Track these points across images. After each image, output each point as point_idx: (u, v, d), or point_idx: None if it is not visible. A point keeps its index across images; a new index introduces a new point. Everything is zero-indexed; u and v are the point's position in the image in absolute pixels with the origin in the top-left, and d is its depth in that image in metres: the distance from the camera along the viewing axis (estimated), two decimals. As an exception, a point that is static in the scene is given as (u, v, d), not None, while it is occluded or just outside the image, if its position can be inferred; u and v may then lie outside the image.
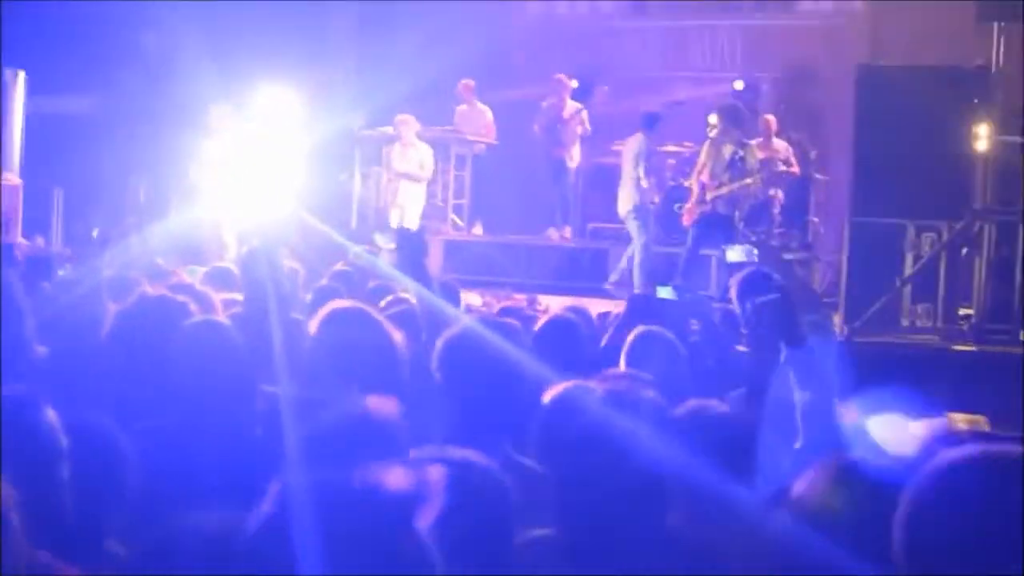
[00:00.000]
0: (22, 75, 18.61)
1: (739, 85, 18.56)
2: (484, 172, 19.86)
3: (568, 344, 6.64)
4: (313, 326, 5.34)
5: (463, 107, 19.86)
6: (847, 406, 5.63)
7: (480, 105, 19.82)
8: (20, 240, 16.90)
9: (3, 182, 17.93)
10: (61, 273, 9.69)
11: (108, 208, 19.19)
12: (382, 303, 7.17)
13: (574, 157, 18.96)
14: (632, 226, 16.65)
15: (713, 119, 16.41)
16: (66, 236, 19.08)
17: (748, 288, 7.82)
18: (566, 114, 18.81)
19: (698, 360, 7.18)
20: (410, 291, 6.97)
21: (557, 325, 6.98)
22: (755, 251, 15.12)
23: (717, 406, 4.60)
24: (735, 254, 15.11)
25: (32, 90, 18.84)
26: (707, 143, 16.26)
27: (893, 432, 5.04)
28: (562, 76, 19.05)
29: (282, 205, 15.88)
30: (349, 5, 21.47)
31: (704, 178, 15.85)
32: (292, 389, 4.79)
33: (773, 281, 8.01)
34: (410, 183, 18.14)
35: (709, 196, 15.65)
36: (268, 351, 5.40)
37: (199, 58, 17.58)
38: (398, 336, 5.20)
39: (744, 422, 4.53)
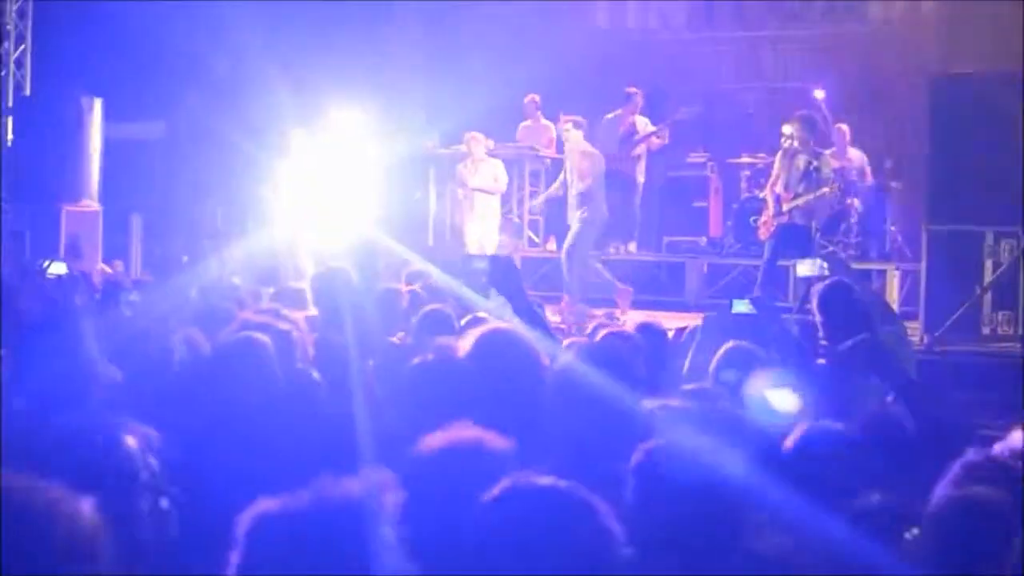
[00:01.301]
0: (99, 102, 18.80)
1: (820, 94, 18.40)
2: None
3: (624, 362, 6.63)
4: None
5: (527, 123, 19.88)
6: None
7: (544, 120, 19.80)
8: (100, 266, 17.08)
9: (83, 208, 18.14)
10: (133, 297, 9.75)
11: (186, 232, 19.34)
12: (461, 322, 7.18)
13: (642, 172, 18.85)
14: None
15: (787, 129, 16.30)
16: (145, 261, 19.25)
17: (829, 300, 7.79)
18: (635, 128, 18.72)
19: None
20: (503, 315, 6.93)
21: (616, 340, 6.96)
22: (824, 265, 15.01)
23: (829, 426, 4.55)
24: (805, 268, 15.01)
25: (109, 117, 19.03)
26: (780, 154, 16.14)
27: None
28: (631, 89, 18.97)
29: (358, 225, 15.94)
30: (417, 23, 21.55)
31: (779, 189, 15.74)
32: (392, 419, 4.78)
33: (853, 293, 7.98)
34: (485, 199, 18.15)
35: (785, 208, 15.55)
36: (344, 374, 5.41)
37: (272, 81, 17.72)
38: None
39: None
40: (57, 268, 12.93)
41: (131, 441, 3.61)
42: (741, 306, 9.05)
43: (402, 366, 5.48)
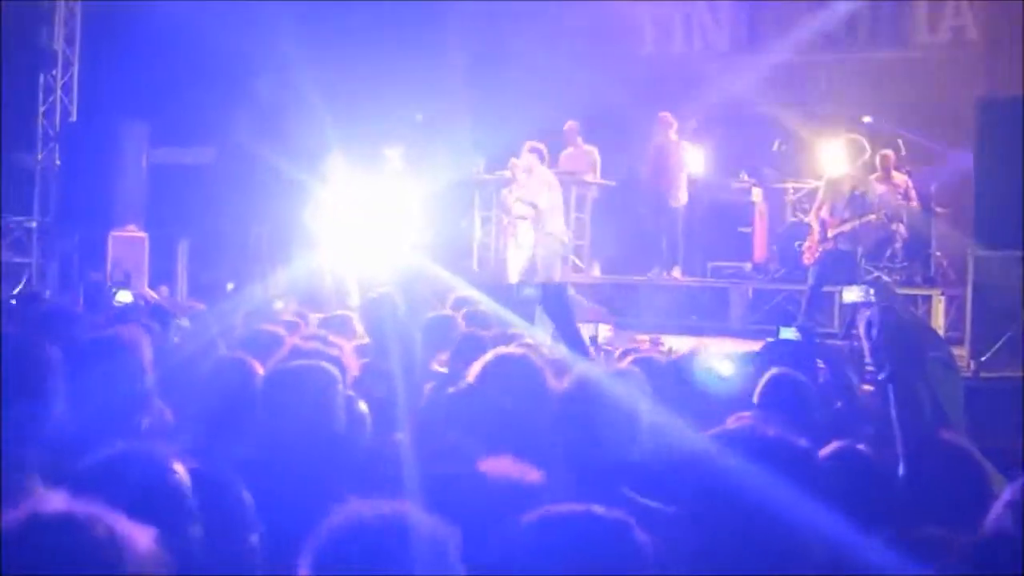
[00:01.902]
0: (145, 128, 18.92)
1: (867, 119, 18.34)
2: (598, 213, 19.87)
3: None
4: (474, 371, 5.31)
5: (568, 150, 19.89)
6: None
7: (586, 146, 19.82)
8: (146, 291, 17.18)
9: (129, 234, 18.25)
10: (183, 323, 9.79)
11: (232, 257, 19.42)
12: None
13: (679, 196, 18.79)
14: None
15: (833, 153, 16.26)
16: (191, 286, 19.33)
17: (876, 326, 7.76)
18: (669, 153, 18.70)
19: (827, 401, 7.12)
20: (547, 339, 6.94)
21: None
22: (871, 291, 14.95)
23: (861, 450, 4.54)
24: (852, 294, 14.95)
25: (156, 142, 19.15)
26: (826, 179, 16.10)
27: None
28: (666, 114, 18.95)
29: (404, 252, 15.99)
30: (463, 49, 21.62)
31: (824, 214, 15.70)
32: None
33: (900, 318, 7.95)
34: (528, 225, 18.16)
35: (830, 233, 15.50)
36: (394, 399, 5.43)
37: (317, 106, 17.79)
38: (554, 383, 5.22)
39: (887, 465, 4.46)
40: (124, 296, 13.04)
41: (180, 469, 3.63)
42: (788, 333, 9.05)
43: (441, 393, 5.52)
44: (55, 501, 2.36)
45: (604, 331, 13.69)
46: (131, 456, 3.63)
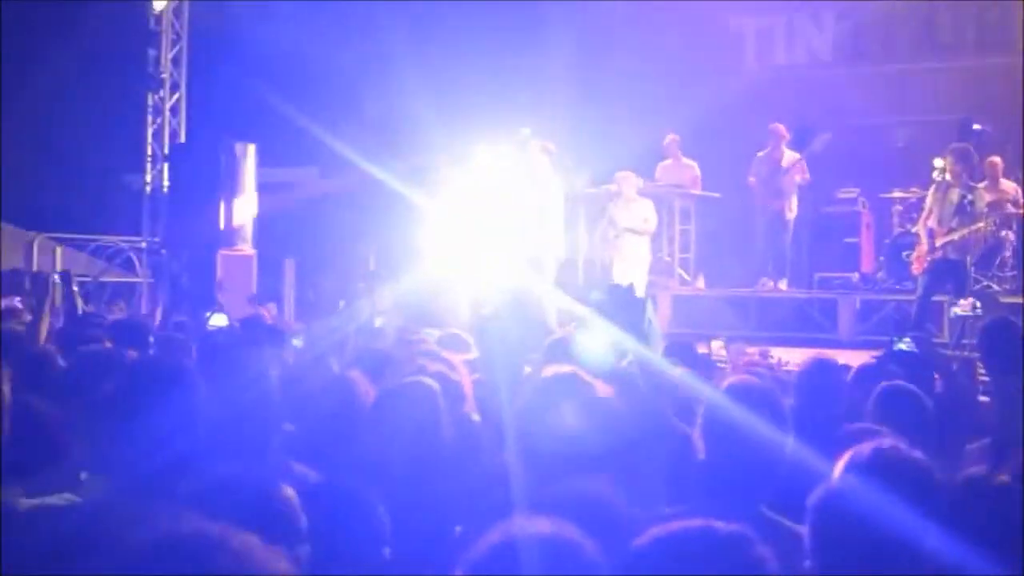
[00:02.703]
0: (252, 148, 19.11)
1: (976, 127, 18.13)
2: (701, 225, 19.81)
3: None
4: (525, 393, 5.29)
5: (667, 162, 19.86)
6: None
7: (685, 160, 19.77)
8: (266, 309, 17.34)
9: (237, 253, 18.43)
10: (296, 342, 9.86)
11: (339, 275, 19.55)
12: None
13: (792, 208, 18.67)
14: None
15: (939, 163, 16.06)
16: (298, 304, 19.49)
17: (991, 337, 7.67)
18: (784, 164, 18.58)
19: (943, 413, 7.03)
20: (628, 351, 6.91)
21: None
22: (978, 304, 14.73)
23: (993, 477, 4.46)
24: (961, 308, 14.77)
25: (262, 162, 19.34)
26: (933, 188, 15.90)
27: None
28: (777, 125, 18.83)
29: (513, 267, 15.99)
30: (568, 63, 21.62)
31: (932, 224, 15.50)
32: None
33: (1015, 329, 7.85)
34: (635, 238, 18.14)
35: (938, 243, 15.31)
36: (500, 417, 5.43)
37: (423, 122, 17.89)
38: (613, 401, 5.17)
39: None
40: (218, 320, 13.17)
41: (289, 491, 3.67)
42: (903, 344, 8.96)
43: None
44: (191, 521, 2.37)
45: (717, 346, 13.62)
46: (242, 476, 3.67)
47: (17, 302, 12.85)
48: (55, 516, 3.97)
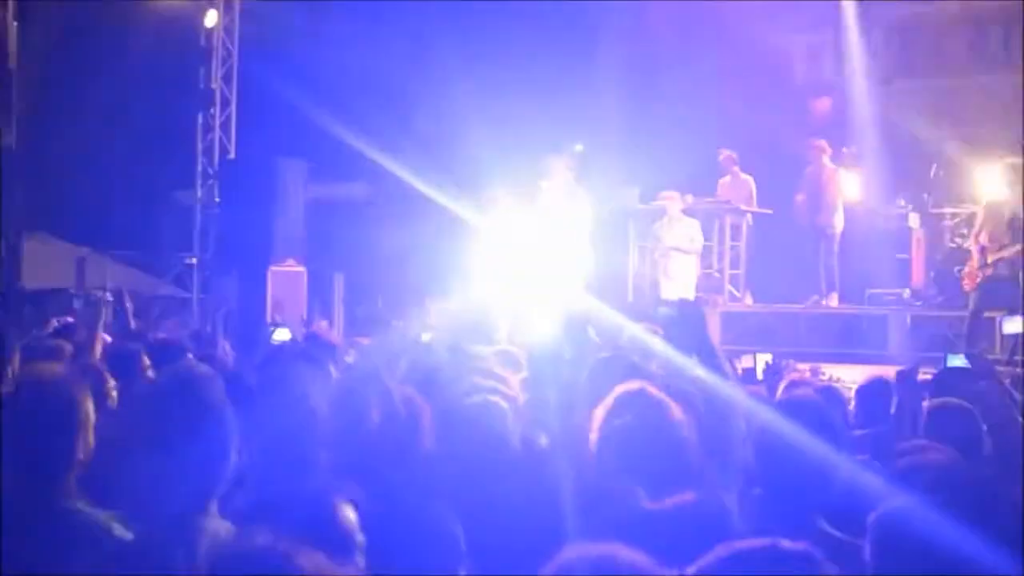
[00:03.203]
0: (303, 164, 19.17)
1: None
2: (753, 242, 19.77)
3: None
4: (600, 411, 5.26)
5: (726, 178, 19.85)
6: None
7: (742, 176, 19.75)
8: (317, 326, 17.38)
9: (288, 269, 18.49)
10: (348, 358, 9.87)
11: (389, 291, 19.61)
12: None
13: (836, 224, 18.57)
14: None
15: (992, 177, 15.99)
16: (347, 320, 19.53)
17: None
18: (824, 179, 18.50)
19: (996, 429, 6.99)
20: (691, 365, 6.89)
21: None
22: (1027, 321, 14.65)
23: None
24: (1013, 325, 14.70)
25: (312, 178, 19.39)
26: (984, 204, 15.84)
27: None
28: (819, 141, 18.76)
29: (564, 285, 15.99)
30: (618, 80, 21.64)
31: (983, 240, 15.43)
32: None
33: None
34: (682, 256, 18.17)
35: (990, 259, 15.22)
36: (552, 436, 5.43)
37: (473, 139, 17.92)
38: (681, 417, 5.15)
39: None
40: (281, 335, 13.21)
41: (347, 508, 3.68)
42: (956, 360, 8.92)
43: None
44: (259, 537, 2.39)
45: (762, 361, 13.57)
46: (299, 493, 3.69)
47: (69, 320, 12.93)
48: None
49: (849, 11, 21.66)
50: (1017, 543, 3.68)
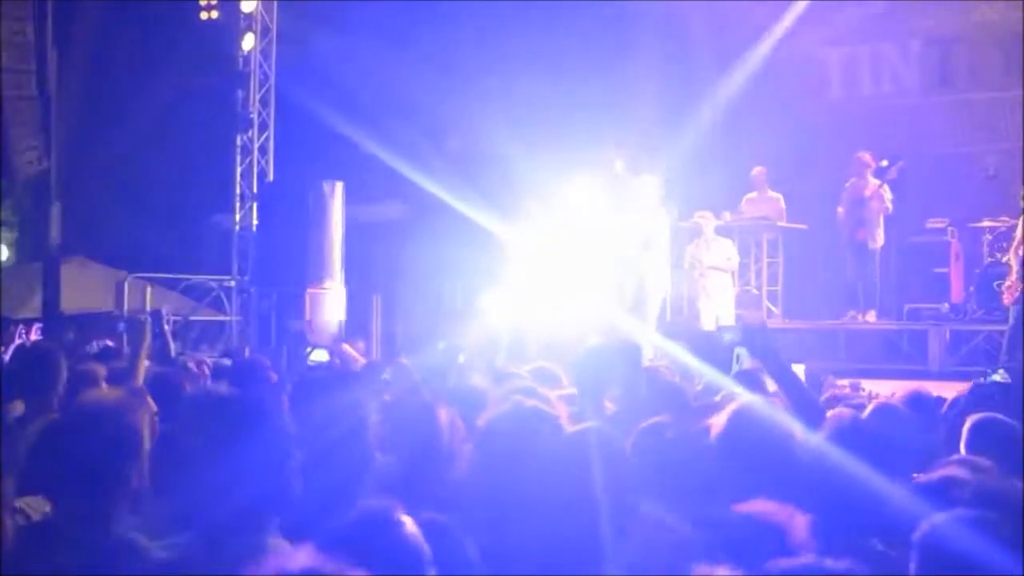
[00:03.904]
0: (340, 186, 19.23)
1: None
2: (789, 257, 19.71)
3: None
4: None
5: (752, 194, 19.76)
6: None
7: (771, 192, 19.67)
8: (345, 346, 17.43)
9: (326, 290, 18.55)
10: (386, 376, 9.91)
11: (425, 310, 19.64)
12: (717, 398, 7.14)
13: (877, 238, 18.49)
14: None
15: (1027, 191, 15.91)
16: (384, 340, 19.59)
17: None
18: (867, 193, 18.43)
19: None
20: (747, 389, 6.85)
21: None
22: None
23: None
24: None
25: (348, 199, 19.46)
26: (1022, 217, 15.75)
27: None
28: (863, 154, 18.68)
29: (603, 304, 15.98)
30: (653, 97, 21.63)
31: (1023, 253, 15.33)
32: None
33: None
34: (718, 275, 18.17)
35: (1029, 272, 15.10)
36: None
37: (507, 156, 17.95)
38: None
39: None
40: (319, 355, 13.27)
41: (410, 524, 3.69)
42: (997, 376, 8.90)
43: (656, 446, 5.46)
44: (301, 558, 2.40)
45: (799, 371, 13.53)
46: (369, 516, 3.70)
47: (110, 343, 12.99)
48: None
49: (886, 23, 21.64)
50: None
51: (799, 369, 13.83)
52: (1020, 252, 15.38)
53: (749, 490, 4.61)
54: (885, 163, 18.99)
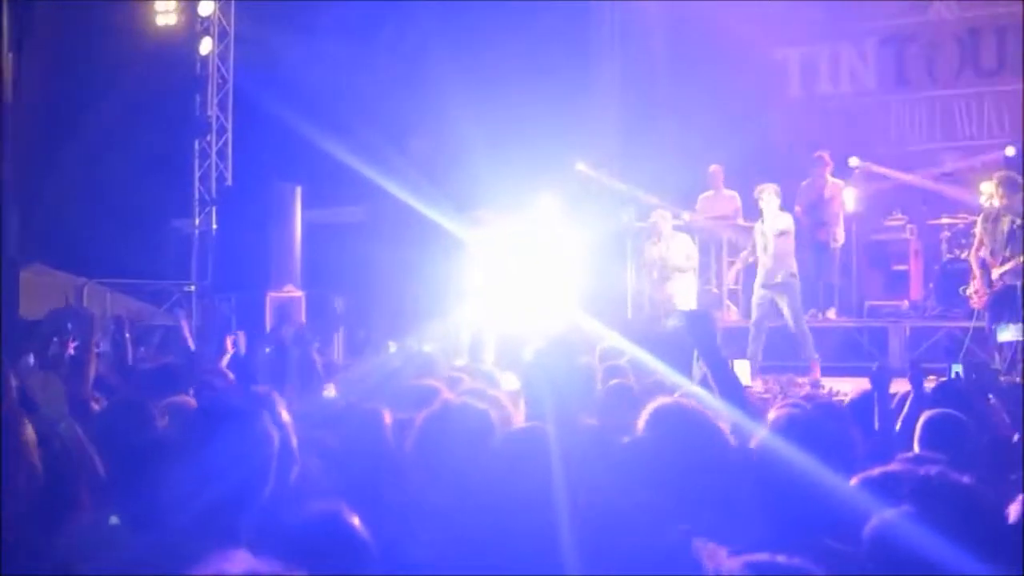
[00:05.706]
0: (299, 190, 19.19)
1: (1010, 151, 18.07)
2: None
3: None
4: (640, 424, 5.21)
5: (708, 193, 19.82)
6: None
7: (727, 191, 19.71)
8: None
9: (286, 294, 18.48)
10: (328, 393, 9.85)
11: (386, 314, 19.59)
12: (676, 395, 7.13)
13: (838, 237, 18.55)
14: None
15: (988, 188, 15.96)
16: (347, 344, 19.53)
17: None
18: (827, 193, 18.48)
19: (992, 440, 6.99)
20: (696, 379, 6.86)
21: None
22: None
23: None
24: (1007, 334, 14.64)
25: (308, 203, 19.41)
26: (982, 217, 15.75)
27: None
28: (821, 153, 18.75)
29: (560, 304, 15.98)
30: (613, 97, 21.67)
31: (984, 255, 15.31)
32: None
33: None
34: (679, 274, 18.16)
35: (995, 275, 15.09)
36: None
37: (470, 160, 17.92)
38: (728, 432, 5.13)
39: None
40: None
41: (355, 519, 3.68)
42: (957, 368, 8.94)
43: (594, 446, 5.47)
44: (239, 561, 2.38)
45: (739, 367, 13.49)
46: (318, 517, 3.69)
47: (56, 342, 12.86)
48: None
49: (844, 23, 21.73)
50: (1005, 554, 3.67)
51: (743, 365, 13.84)
52: (981, 253, 15.40)
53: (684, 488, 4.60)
54: (856, 161, 19.10)
